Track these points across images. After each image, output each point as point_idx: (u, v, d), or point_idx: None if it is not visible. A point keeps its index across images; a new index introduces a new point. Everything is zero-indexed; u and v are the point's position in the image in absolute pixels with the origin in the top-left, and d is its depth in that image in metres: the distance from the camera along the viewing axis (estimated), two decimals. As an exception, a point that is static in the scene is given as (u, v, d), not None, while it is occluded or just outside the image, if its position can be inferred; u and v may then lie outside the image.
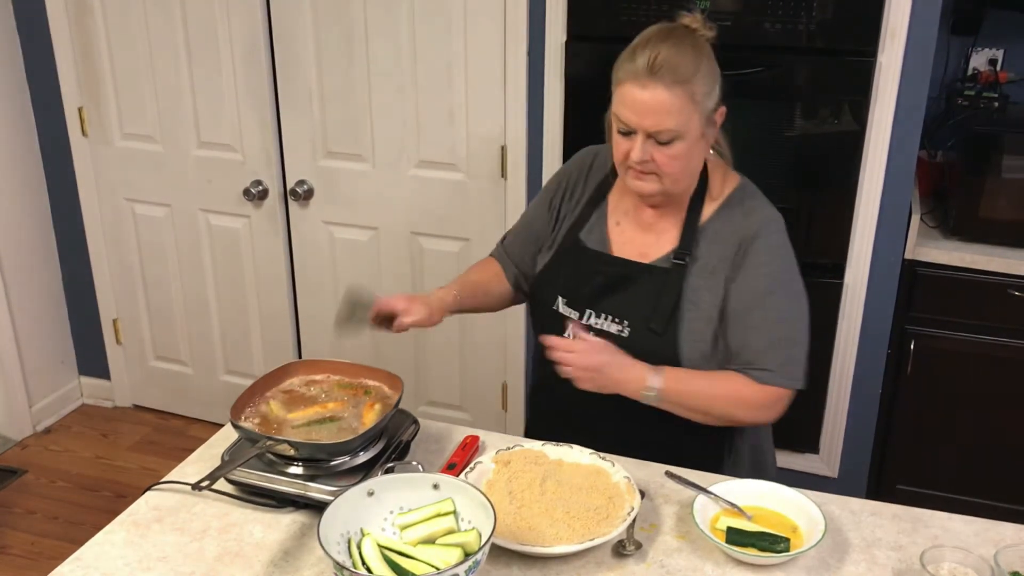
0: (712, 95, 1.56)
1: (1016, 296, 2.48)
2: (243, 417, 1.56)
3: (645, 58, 1.52)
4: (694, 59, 1.53)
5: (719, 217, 1.65)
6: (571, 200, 1.79)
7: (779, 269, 1.63)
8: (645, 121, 1.53)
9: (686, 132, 1.54)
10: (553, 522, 1.43)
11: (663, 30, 1.57)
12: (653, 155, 1.55)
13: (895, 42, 2.30)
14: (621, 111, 1.56)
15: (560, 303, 1.72)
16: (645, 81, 1.51)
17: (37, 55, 3.11)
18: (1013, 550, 1.34)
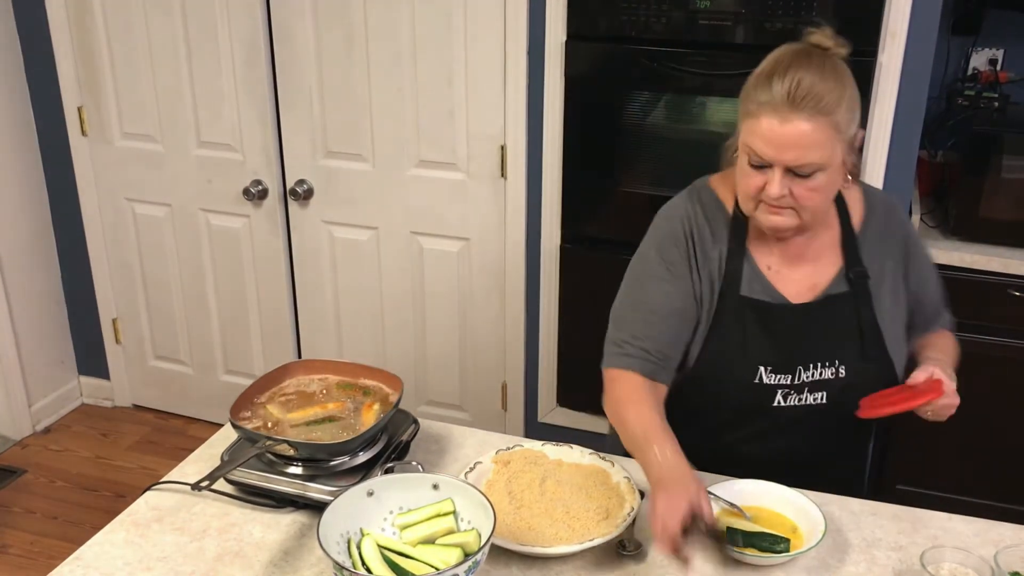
0: (855, 121, 1.46)
1: (1016, 296, 2.47)
2: (243, 417, 1.56)
3: (784, 87, 1.39)
4: (837, 86, 1.42)
5: (870, 221, 1.61)
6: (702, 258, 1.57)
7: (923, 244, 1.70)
8: (785, 156, 1.40)
9: (829, 164, 1.42)
10: (553, 522, 1.43)
11: (799, 53, 1.44)
12: (792, 189, 1.43)
13: (895, 42, 2.30)
14: (756, 144, 1.42)
15: (763, 373, 1.54)
16: (786, 113, 1.39)
17: (37, 55, 3.11)
18: (1013, 550, 1.34)
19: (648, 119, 2.53)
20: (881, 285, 1.58)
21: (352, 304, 3.08)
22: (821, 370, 1.55)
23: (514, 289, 2.86)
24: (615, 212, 2.65)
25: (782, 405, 1.56)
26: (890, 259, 1.60)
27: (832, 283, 1.57)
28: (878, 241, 1.60)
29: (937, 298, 1.71)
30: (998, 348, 2.53)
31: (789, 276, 1.57)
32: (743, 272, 1.56)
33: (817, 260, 1.58)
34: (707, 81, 2.45)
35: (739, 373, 1.55)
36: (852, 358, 1.55)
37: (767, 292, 1.56)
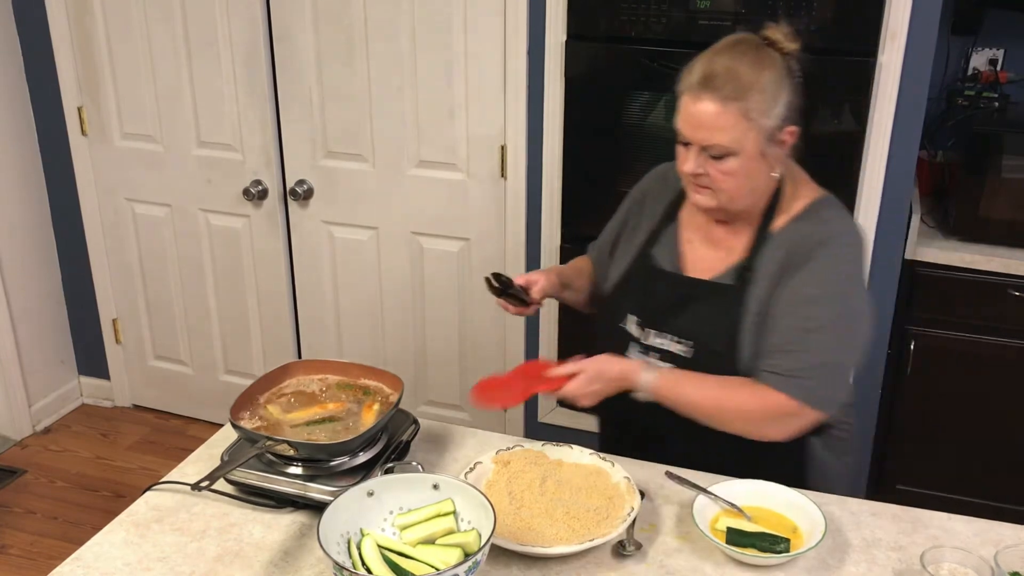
0: (774, 112, 1.49)
1: (1016, 296, 2.48)
2: (243, 417, 1.56)
3: (700, 69, 1.48)
4: (752, 73, 1.47)
5: (789, 228, 1.58)
6: (642, 214, 1.76)
7: (835, 280, 1.52)
8: (697, 134, 1.50)
9: (740, 149, 1.49)
10: (553, 522, 1.43)
11: (729, 41, 1.52)
12: (707, 169, 1.51)
13: (895, 42, 2.30)
14: (678, 122, 1.53)
15: (628, 321, 1.69)
16: (698, 93, 1.47)
17: (37, 55, 3.11)
18: (1013, 550, 1.34)
19: (648, 119, 2.53)
20: (761, 289, 1.56)
21: (352, 304, 3.08)
22: (673, 343, 1.63)
23: (514, 289, 2.86)
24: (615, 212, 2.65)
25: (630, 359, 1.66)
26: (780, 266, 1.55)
27: (726, 272, 1.62)
28: (784, 249, 1.56)
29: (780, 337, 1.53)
30: (998, 348, 2.53)
31: (701, 253, 1.67)
32: (662, 235, 1.71)
33: (730, 251, 1.64)
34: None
35: (615, 312, 1.72)
36: (703, 344, 1.60)
37: (670, 257, 1.69)
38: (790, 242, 1.56)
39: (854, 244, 1.57)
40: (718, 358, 1.57)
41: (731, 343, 1.56)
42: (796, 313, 1.52)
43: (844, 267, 1.54)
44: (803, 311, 1.52)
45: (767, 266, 1.57)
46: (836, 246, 1.54)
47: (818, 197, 1.61)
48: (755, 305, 1.56)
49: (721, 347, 1.57)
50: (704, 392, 1.55)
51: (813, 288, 1.52)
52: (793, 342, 1.52)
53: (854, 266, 1.56)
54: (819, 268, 1.52)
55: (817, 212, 1.59)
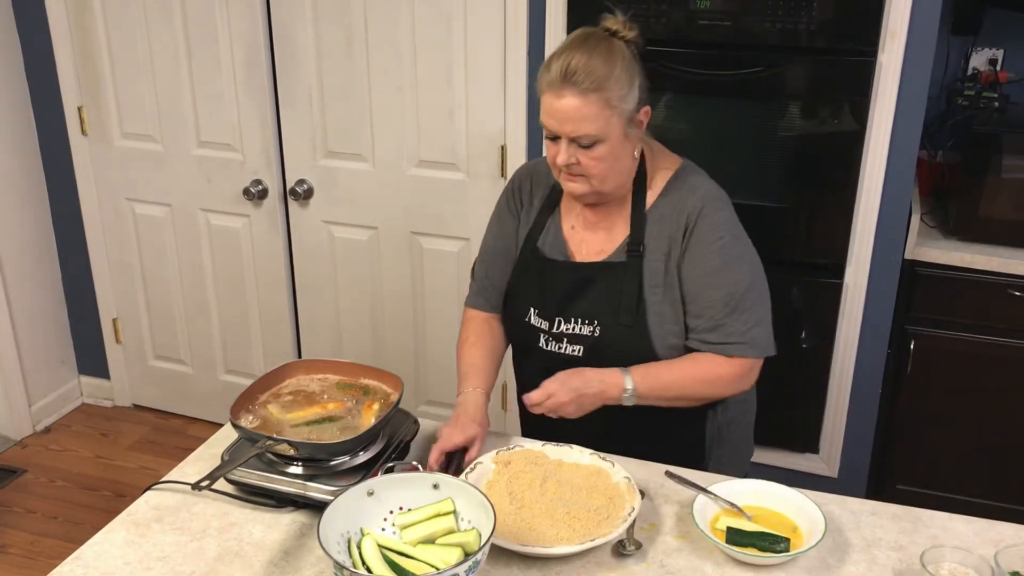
0: (630, 97, 1.58)
1: (1016, 296, 2.48)
2: (243, 417, 1.56)
3: (559, 67, 1.55)
4: (606, 64, 1.55)
5: (662, 200, 1.69)
6: (522, 212, 1.82)
7: (728, 243, 1.65)
8: (565, 127, 1.57)
9: (607, 135, 1.57)
10: (554, 522, 1.43)
11: (578, 37, 1.59)
12: (578, 158, 1.59)
13: (895, 42, 2.30)
14: (544, 118, 1.60)
15: (532, 314, 1.76)
16: (560, 90, 1.55)
17: (37, 55, 3.11)
18: (1013, 550, 1.34)
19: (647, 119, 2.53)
20: (656, 262, 1.66)
21: (352, 304, 3.08)
22: (580, 325, 1.70)
23: (514, 289, 2.86)
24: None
25: (545, 348, 1.75)
26: (666, 240, 1.66)
27: (615, 251, 1.70)
28: (663, 220, 1.67)
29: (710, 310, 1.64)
30: (998, 348, 2.53)
31: (584, 238, 1.74)
32: (546, 227, 1.78)
33: (610, 229, 1.72)
34: (707, 81, 2.45)
35: (517, 309, 1.79)
36: (608, 321, 1.67)
37: (557, 247, 1.76)
38: (666, 215, 1.67)
39: (725, 202, 1.69)
40: (626, 330, 1.66)
41: (636, 314, 1.66)
42: (716, 286, 1.64)
43: (729, 227, 1.67)
44: (720, 281, 1.64)
45: (654, 240, 1.67)
46: (712, 211, 1.66)
47: (678, 167, 1.72)
48: (651, 277, 1.66)
49: (627, 320, 1.66)
50: (676, 374, 1.66)
51: (715, 258, 1.64)
52: (729, 312, 1.64)
53: (734, 221, 1.68)
54: (710, 239, 1.64)
55: (684, 181, 1.69)
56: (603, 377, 1.62)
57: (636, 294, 1.66)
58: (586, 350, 1.70)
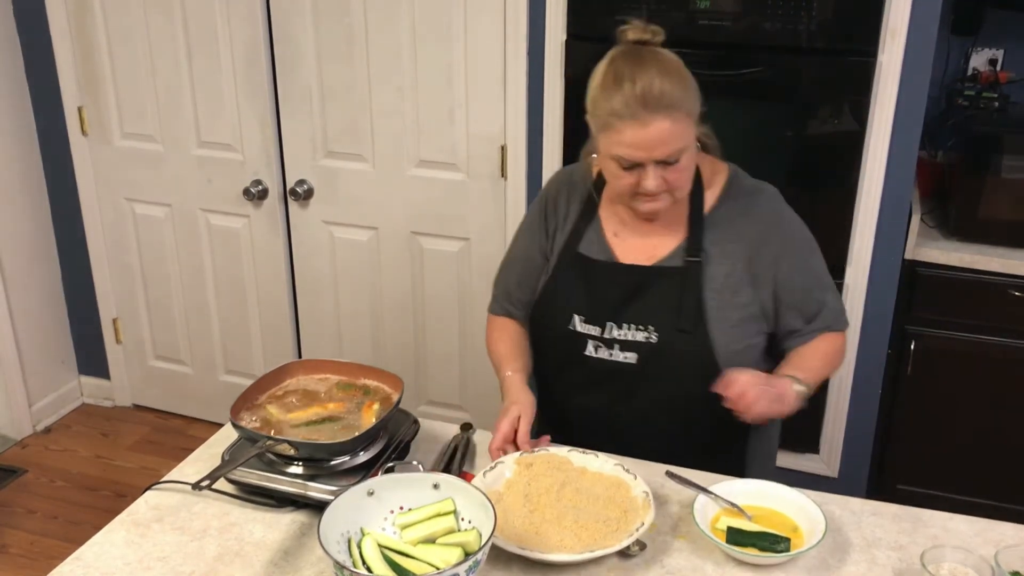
0: (699, 98, 1.55)
1: (1016, 296, 2.47)
2: (243, 417, 1.56)
3: (636, 93, 1.47)
4: (678, 76, 1.51)
5: (724, 205, 1.65)
6: (557, 220, 1.76)
7: (803, 235, 1.68)
8: (654, 154, 1.50)
9: (690, 144, 1.54)
10: (560, 529, 1.42)
11: (632, 57, 1.53)
12: (664, 178, 1.53)
13: (895, 42, 2.30)
14: (623, 151, 1.51)
15: (577, 321, 1.68)
16: (646, 119, 1.47)
17: (37, 55, 3.11)
18: (1013, 550, 1.34)
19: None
20: (718, 267, 1.62)
21: (352, 304, 3.08)
22: (633, 331, 1.64)
23: (514, 289, 2.86)
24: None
25: (594, 356, 1.66)
26: (734, 244, 1.63)
27: (669, 255, 1.65)
28: (727, 224, 1.64)
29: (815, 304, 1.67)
30: (998, 348, 2.53)
31: (631, 242, 1.68)
32: (586, 233, 1.71)
33: (663, 231, 1.66)
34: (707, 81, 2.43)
35: (557, 317, 1.70)
36: (666, 327, 1.62)
37: (602, 252, 1.69)
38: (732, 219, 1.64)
39: (782, 198, 1.70)
40: (687, 337, 1.61)
41: (698, 320, 1.61)
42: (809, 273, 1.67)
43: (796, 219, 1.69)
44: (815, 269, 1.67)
45: (716, 244, 1.63)
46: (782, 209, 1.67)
47: (731, 170, 1.69)
48: (713, 281, 1.62)
49: (688, 326, 1.61)
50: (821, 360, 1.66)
51: (804, 250, 1.67)
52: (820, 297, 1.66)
53: (793, 212, 1.69)
54: (792, 237, 1.66)
55: (741, 186, 1.68)
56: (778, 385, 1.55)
57: (697, 299, 1.61)
58: (641, 357, 1.64)
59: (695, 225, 1.64)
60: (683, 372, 1.62)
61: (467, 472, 1.62)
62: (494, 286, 1.88)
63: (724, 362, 1.60)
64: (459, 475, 1.55)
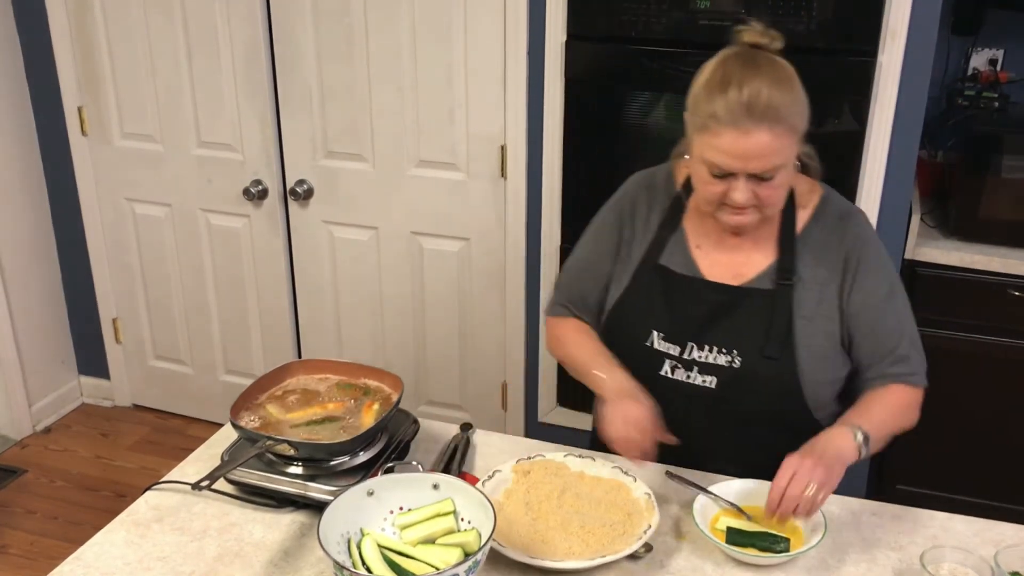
0: (806, 115, 1.46)
1: (1016, 296, 2.47)
2: (243, 417, 1.56)
3: (742, 99, 1.38)
4: (790, 88, 1.42)
5: (816, 226, 1.57)
6: (635, 227, 1.65)
7: (890, 268, 1.58)
8: (750, 166, 1.42)
9: (789, 161, 1.46)
10: (567, 535, 1.41)
11: (743, 59, 1.43)
12: (755, 192, 1.45)
13: (895, 42, 2.30)
14: (717, 158, 1.42)
15: (655, 338, 1.59)
16: (747, 127, 1.38)
17: (37, 55, 3.11)
18: (1013, 550, 1.34)
19: (648, 119, 2.53)
20: (809, 292, 1.54)
21: (352, 304, 3.08)
22: (715, 354, 1.56)
23: (514, 289, 2.86)
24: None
25: (669, 376, 1.59)
26: (825, 269, 1.55)
27: (758, 276, 1.57)
28: (818, 248, 1.56)
29: (890, 340, 1.55)
30: (998, 348, 2.53)
31: (717, 257, 1.60)
32: (668, 243, 1.62)
33: (751, 248, 1.58)
34: (707, 81, 2.44)
35: (635, 331, 1.61)
36: (751, 352, 1.54)
37: (686, 265, 1.60)
38: (822, 242, 1.56)
39: (871, 225, 1.62)
40: (772, 365, 1.53)
41: (786, 346, 1.52)
42: (890, 312, 1.55)
43: (885, 252, 1.59)
44: (894, 308, 1.56)
45: (807, 268, 1.55)
46: (870, 237, 1.57)
47: (824, 190, 1.61)
48: (802, 307, 1.53)
49: (775, 352, 1.52)
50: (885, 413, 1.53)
51: (885, 284, 1.56)
52: (910, 340, 1.56)
53: (883, 245, 1.60)
54: (877, 266, 1.55)
55: (834, 205, 1.59)
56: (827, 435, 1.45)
57: (786, 325, 1.52)
58: (721, 382, 1.56)
59: (787, 246, 1.55)
60: (765, 400, 1.54)
61: (467, 472, 1.62)
62: (555, 289, 1.79)
63: (809, 394, 1.55)
64: (459, 475, 1.55)
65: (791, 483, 1.38)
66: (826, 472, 1.39)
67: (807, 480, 1.37)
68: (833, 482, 1.40)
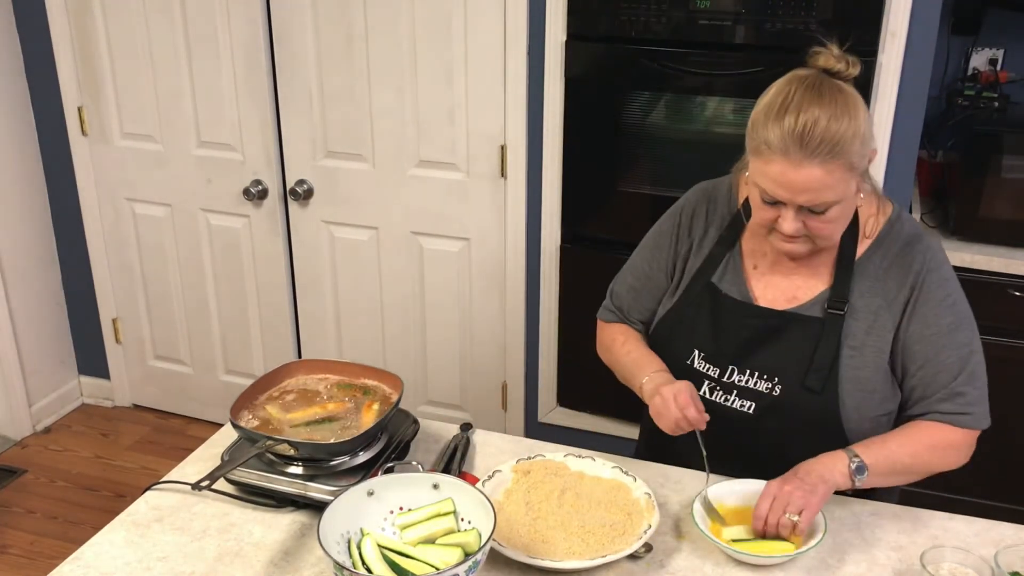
0: (868, 150, 1.40)
1: (1016, 296, 2.47)
2: (242, 417, 1.56)
3: (796, 129, 1.33)
4: (851, 123, 1.34)
5: (875, 253, 1.51)
6: (691, 240, 1.63)
7: (958, 301, 1.49)
8: (798, 198, 1.37)
9: (844, 197, 1.39)
10: (568, 535, 1.41)
11: (809, 85, 1.37)
12: (806, 223, 1.40)
13: (895, 42, 2.30)
14: (767, 185, 1.38)
15: (696, 357, 1.57)
16: (799, 160, 1.33)
17: (37, 55, 3.11)
18: (1013, 550, 1.34)
19: (648, 119, 2.53)
20: (860, 321, 1.49)
21: (352, 304, 3.08)
22: (756, 380, 1.53)
23: (514, 289, 2.86)
24: (615, 212, 2.66)
25: (708, 398, 1.56)
26: (882, 298, 1.50)
27: (810, 303, 1.52)
28: (877, 276, 1.50)
29: (944, 376, 1.48)
30: (998, 348, 2.53)
31: (771, 281, 1.56)
32: (723, 262, 1.59)
33: (809, 275, 1.54)
34: (707, 81, 2.45)
35: (677, 348, 1.60)
36: (792, 381, 1.50)
37: (737, 286, 1.57)
38: (882, 269, 1.50)
39: (944, 255, 1.52)
40: (812, 397, 1.49)
41: (830, 378, 1.48)
42: (950, 347, 1.48)
43: (955, 284, 1.51)
44: (953, 342, 1.48)
45: (861, 297, 1.49)
46: (939, 265, 1.50)
47: (892, 212, 1.54)
48: (852, 338, 1.49)
49: (816, 384, 1.48)
50: (905, 449, 1.47)
51: (947, 316, 1.48)
52: (966, 378, 1.49)
53: (954, 276, 1.52)
54: (939, 295, 1.48)
55: (899, 233, 1.52)
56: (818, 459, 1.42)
57: (832, 356, 1.47)
58: (759, 408, 1.53)
59: (842, 273, 1.49)
60: (804, 431, 1.49)
61: (467, 472, 1.62)
62: (610, 294, 1.75)
63: (850, 427, 1.50)
64: (459, 475, 1.55)
65: (770, 511, 1.38)
66: (806, 497, 1.38)
67: (785, 506, 1.37)
68: (816, 505, 1.38)
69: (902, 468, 1.48)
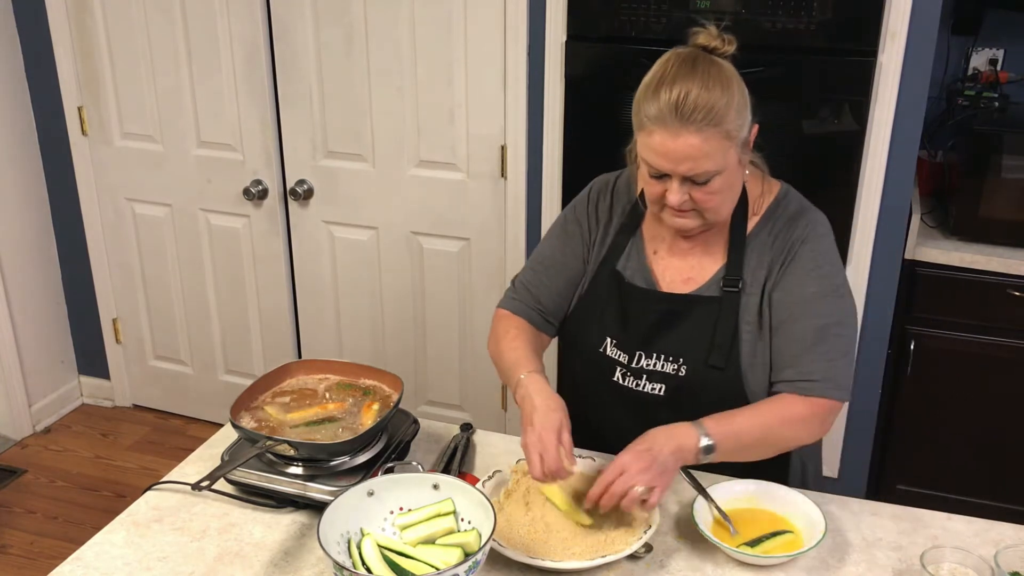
0: (746, 122, 1.46)
1: (1016, 296, 2.48)
2: (242, 417, 1.56)
3: (671, 100, 1.38)
4: (724, 94, 1.40)
5: (763, 229, 1.56)
6: (598, 228, 1.67)
7: (828, 273, 1.52)
8: (680, 167, 1.42)
9: (724, 168, 1.44)
10: (568, 536, 1.42)
11: (684, 61, 1.43)
12: (691, 195, 1.45)
13: (895, 42, 2.30)
14: (650, 157, 1.44)
15: (608, 345, 1.61)
16: (676, 128, 1.39)
17: (37, 55, 3.11)
18: (1013, 550, 1.34)
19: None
20: (751, 297, 1.53)
21: (352, 304, 3.08)
22: (663, 363, 1.56)
23: (514, 289, 2.86)
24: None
25: (620, 384, 1.60)
26: (764, 271, 1.53)
27: (707, 283, 1.56)
28: (765, 249, 1.54)
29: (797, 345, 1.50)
30: (998, 348, 2.53)
31: (671, 263, 1.61)
32: (626, 249, 1.63)
33: (704, 255, 1.58)
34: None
35: (590, 337, 1.63)
36: (697, 361, 1.54)
37: (640, 273, 1.61)
38: (767, 244, 1.55)
39: (828, 230, 1.56)
40: (716, 373, 1.52)
41: (730, 355, 1.52)
42: (807, 316, 1.50)
43: (831, 257, 1.55)
44: (811, 311, 1.50)
45: (752, 272, 1.54)
46: (815, 238, 1.54)
47: (779, 191, 1.59)
48: (747, 314, 1.53)
49: (718, 361, 1.52)
50: (754, 423, 1.47)
51: (812, 286, 1.51)
52: (816, 347, 1.49)
53: (834, 252, 1.56)
54: (809, 265, 1.52)
55: (786, 208, 1.57)
56: (671, 432, 1.43)
57: (731, 334, 1.51)
58: (669, 390, 1.56)
59: (735, 251, 1.54)
60: (715, 410, 1.49)
61: (467, 472, 1.62)
62: (513, 284, 1.75)
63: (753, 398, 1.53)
64: (459, 475, 1.55)
65: (617, 480, 1.38)
66: (657, 475, 1.38)
67: (634, 481, 1.37)
68: (666, 482, 1.40)
69: (752, 442, 1.48)
